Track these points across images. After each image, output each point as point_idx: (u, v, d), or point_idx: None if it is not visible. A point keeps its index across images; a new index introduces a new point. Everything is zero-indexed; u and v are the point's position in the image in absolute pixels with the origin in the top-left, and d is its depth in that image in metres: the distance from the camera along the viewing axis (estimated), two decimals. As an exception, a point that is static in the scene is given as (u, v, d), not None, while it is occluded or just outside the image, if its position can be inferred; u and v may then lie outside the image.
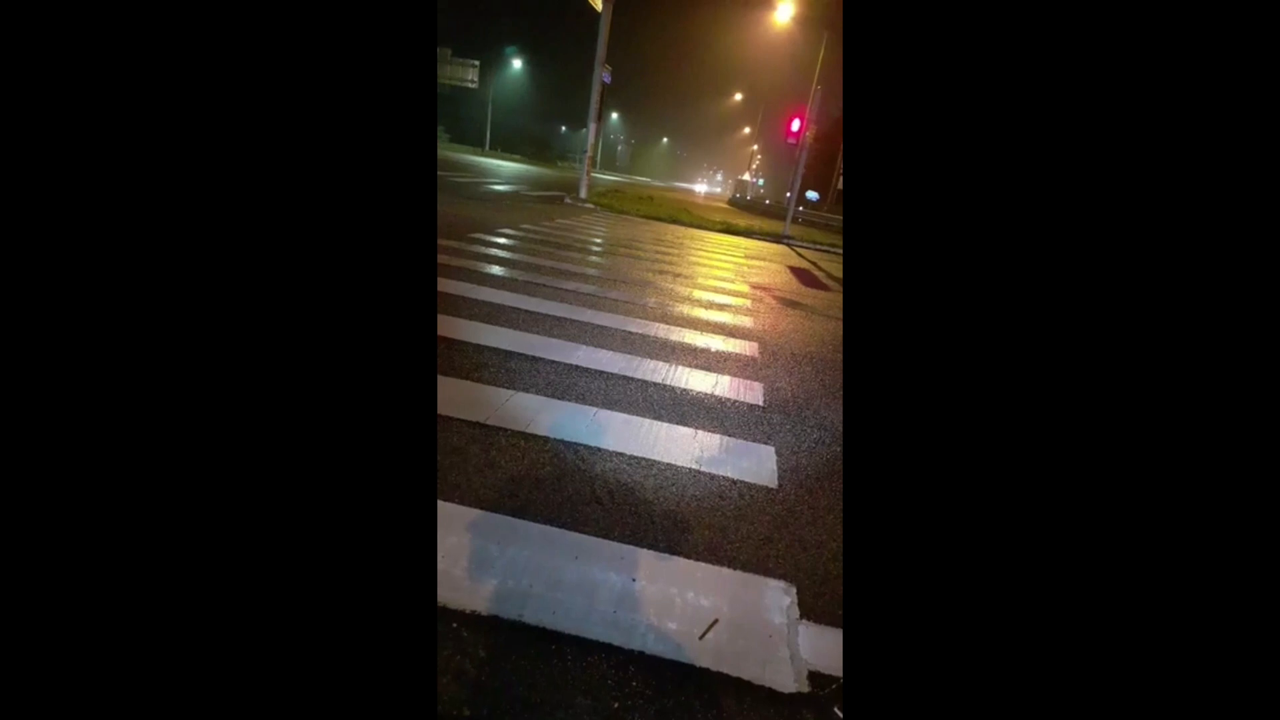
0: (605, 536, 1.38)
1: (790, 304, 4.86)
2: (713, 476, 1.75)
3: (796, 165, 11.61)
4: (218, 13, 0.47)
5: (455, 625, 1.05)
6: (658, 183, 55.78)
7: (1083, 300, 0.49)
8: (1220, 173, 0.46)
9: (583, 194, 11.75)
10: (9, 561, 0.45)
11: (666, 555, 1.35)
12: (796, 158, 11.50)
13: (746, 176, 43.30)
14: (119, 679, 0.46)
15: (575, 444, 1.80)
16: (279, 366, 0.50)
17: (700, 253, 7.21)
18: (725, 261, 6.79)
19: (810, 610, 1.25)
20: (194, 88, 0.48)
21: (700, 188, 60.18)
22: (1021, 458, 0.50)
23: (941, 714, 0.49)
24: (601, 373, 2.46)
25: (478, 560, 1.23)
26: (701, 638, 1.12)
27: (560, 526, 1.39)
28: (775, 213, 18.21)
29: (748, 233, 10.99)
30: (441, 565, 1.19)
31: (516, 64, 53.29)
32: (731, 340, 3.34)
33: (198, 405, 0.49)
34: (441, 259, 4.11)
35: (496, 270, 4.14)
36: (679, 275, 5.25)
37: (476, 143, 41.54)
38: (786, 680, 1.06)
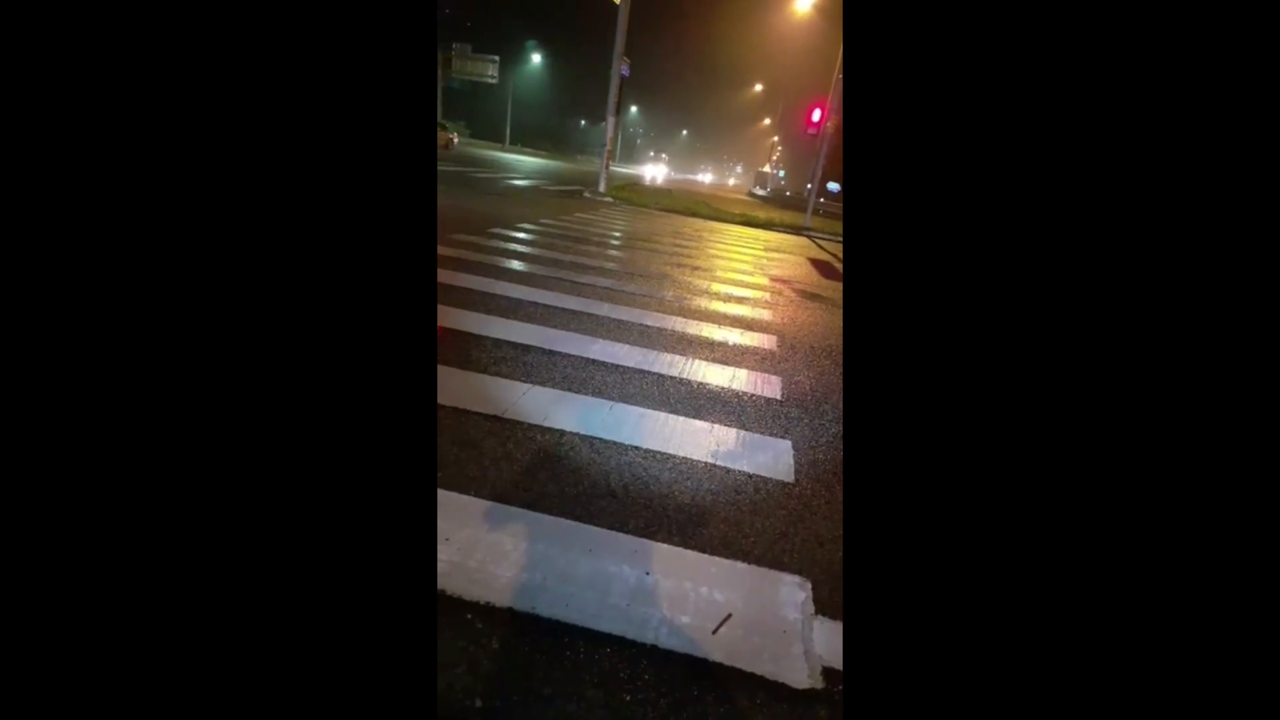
0: (620, 530, 1.38)
1: (810, 296, 4.80)
2: (729, 471, 1.74)
3: (817, 156, 11.44)
4: (217, 11, 0.48)
5: (469, 616, 1.07)
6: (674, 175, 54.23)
7: (1083, 298, 0.49)
8: (1220, 174, 0.46)
9: (601, 188, 11.75)
10: (9, 561, 0.46)
11: (681, 549, 1.35)
12: (817, 149, 11.33)
13: (767, 168, 42.79)
14: (117, 674, 0.47)
15: (591, 437, 1.81)
16: (279, 361, 0.51)
17: (719, 245, 7.16)
18: (744, 254, 6.73)
19: (825, 606, 1.23)
20: (194, 85, 0.48)
21: (647, 171, 38.16)
22: (1021, 455, 0.50)
23: (941, 711, 0.49)
24: (618, 366, 2.46)
25: (492, 552, 1.24)
26: (715, 632, 1.11)
27: (575, 519, 1.39)
28: (796, 204, 17.98)
29: (768, 225, 10.88)
30: (456, 557, 1.21)
31: (536, 58, 53.36)
32: (750, 334, 3.31)
33: (198, 400, 0.50)
34: (461, 254, 4.15)
35: (515, 265, 4.15)
36: (697, 268, 5.22)
37: (496, 138, 41.74)
38: (800, 676, 1.05)
